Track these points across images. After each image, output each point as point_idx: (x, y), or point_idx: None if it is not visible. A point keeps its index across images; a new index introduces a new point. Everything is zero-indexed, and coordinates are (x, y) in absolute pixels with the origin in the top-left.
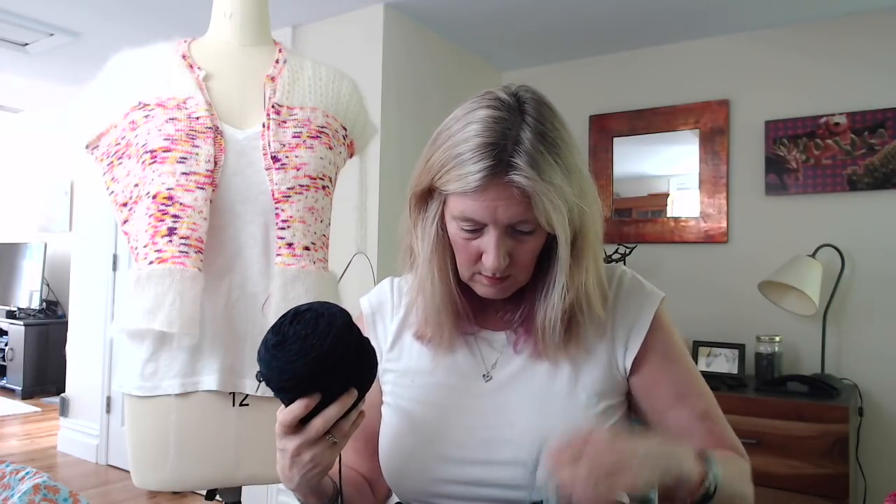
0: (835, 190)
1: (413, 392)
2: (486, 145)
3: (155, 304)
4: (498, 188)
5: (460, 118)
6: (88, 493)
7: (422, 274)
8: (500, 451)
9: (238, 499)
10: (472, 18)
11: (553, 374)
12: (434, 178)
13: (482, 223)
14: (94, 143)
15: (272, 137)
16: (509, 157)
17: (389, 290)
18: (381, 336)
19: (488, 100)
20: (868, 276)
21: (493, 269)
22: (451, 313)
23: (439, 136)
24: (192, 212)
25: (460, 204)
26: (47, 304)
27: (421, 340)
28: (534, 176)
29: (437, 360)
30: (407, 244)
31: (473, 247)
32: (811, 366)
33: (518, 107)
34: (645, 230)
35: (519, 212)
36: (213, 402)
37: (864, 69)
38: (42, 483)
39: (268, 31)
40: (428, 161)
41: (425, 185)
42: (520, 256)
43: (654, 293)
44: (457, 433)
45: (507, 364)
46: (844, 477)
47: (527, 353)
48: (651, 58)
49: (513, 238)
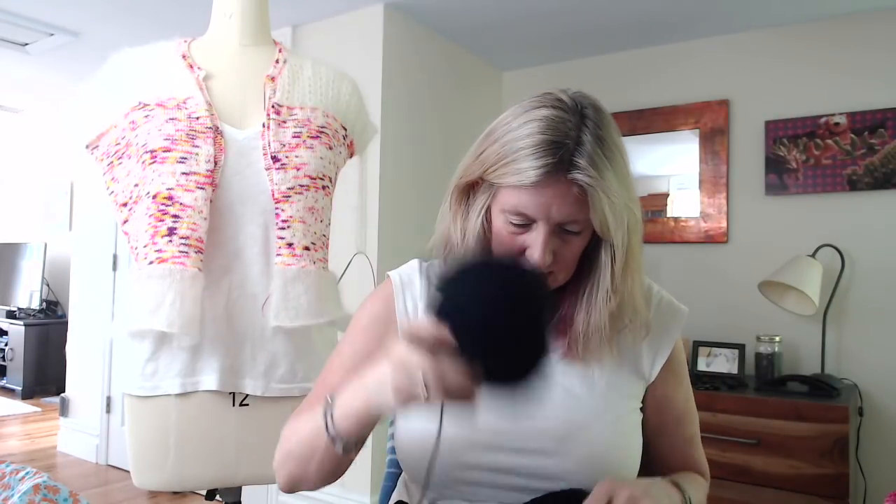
0: (835, 190)
1: None
2: (548, 142)
3: (155, 304)
4: (556, 185)
5: (520, 115)
6: (88, 493)
7: None
8: (531, 439)
9: (238, 499)
10: (472, 18)
11: (587, 373)
12: (487, 171)
13: (533, 219)
14: (95, 143)
15: (272, 137)
16: (570, 155)
17: (419, 270)
18: (410, 309)
19: (549, 100)
20: (868, 276)
21: (538, 265)
22: None
23: (495, 130)
24: (192, 212)
25: (514, 198)
26: (47, 304)
27: None
28: (595, 175)
29: None
30: (442, 234)
31: (518, 241)
32: (811, 366)
33: (579, 110)
34: (645, 230)
35: (573, 211)
36: (214, 402)
37: (864, 69)
38: (42, 483)
39: (268, 31)
40: (481, 154)
41: (474, 178)
42: (563, 256)
43: (682, 309)
44: (488, 421)
45: None
46: (844, 477)
47: (559, 355)
48: (651, 58)
49: (559, 237)
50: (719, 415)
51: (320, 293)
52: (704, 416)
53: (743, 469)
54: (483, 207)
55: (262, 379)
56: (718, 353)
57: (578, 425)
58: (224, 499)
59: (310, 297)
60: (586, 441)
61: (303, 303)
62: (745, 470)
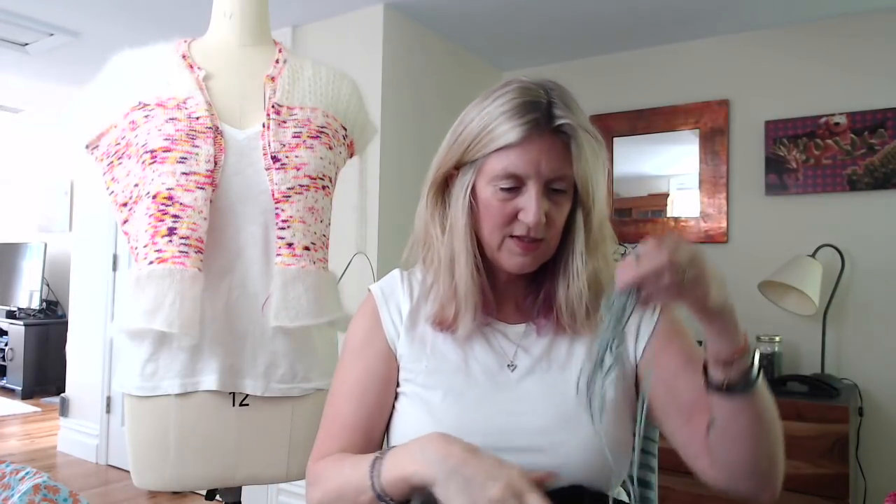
0: (835, 190)
1: (430, 380)
2: (525, 103)
3: (155, 304)
4: (541, 139)
5: (486, 97)
6: (88, 493)
7: (446, 254)
8: (519, 438)
9: (238, 499)
10: (472, 18)
11: (572, 351)
12: (467, 150)
13: (523, 179)
14: (94, 143)
15: (272, 137)
16: (549, 109)
17: (400, 279)
18: (395, 319)
19: (510, 82)
20: (868, 277)
21: (534, 224)
22: (475, 292)
23: (465, 116)
24: (192, 212)
25: (502, 161)
26: (47, 304)
27: (440, 327)
28: (576, 123)
29: (455, 350)
30: (419, 232)
31: (510, 207)
32: (811, 366)
33: (541, 83)
34: (645, 230)
35: (560, 165)
36: (213, 402)
37: (864, 69)
38: (42, 483)
39: (268, 31)
40: (457, 139)
41: (451, 165)
42: (553, 220)
43: None
44: (479, 422)
45: (527, 353)
46: (844, 477)
47: (550, 335)
48: (651, 58)
49: (548, 199)
50: None
51: (320, 293)
52: None
53: None
54: (468, 187)
55: (262, 379)
56: None
57: (564, 417)
58: (224, 499)
59: (310, 297)
60: (573, 432)
61: (303, 303)
62: None
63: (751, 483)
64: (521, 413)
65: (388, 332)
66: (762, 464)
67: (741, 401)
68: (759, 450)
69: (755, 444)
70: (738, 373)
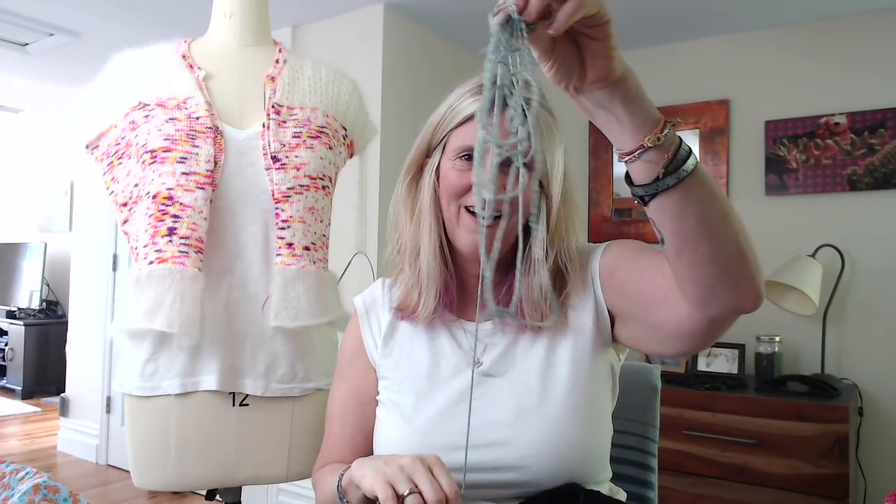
0: (835, 190)
1: (404, 387)
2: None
3: (155, 304)
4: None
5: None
6: (88, 493)
7: (412, 238)
8: (486, 434)
9: (238, 499)
10: (471, 18)
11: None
12: (434, 134)
13: None
14: (94, 143)
15: (272, 137)
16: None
17: (381, 288)
18: (374, 332)
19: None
20: (868, 277)
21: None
22: (437, 274)
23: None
24: (192, 212)
25: (462, 136)
26: (47, 304)
27: (401, 314)
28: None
29: (426, 354)
30: (393, 222)
31: (465, 178)
32: (811, 366)
33: None
34: (645, 230)
35: None
36: (213, 402)
37: (864, 69)
38: (42, 483)
39: (268, 31)
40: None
41: (423, 152)
42: None
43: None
44: (448, 421)
45: (493, 350)
46: (844, 477)
47: (514, 332)
48: (651, 58)
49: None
50: (719, 415)
51: (320, 293)
52: (704, 416)
53: (743, 469)
54: (434, 167)
55: (262, 379)
56: (718, 353)
57: (526, 409)
58: (224, 499)
59: (310, 297)
60: (536, 423)
61: (303, 303)
62: (745, 470)
63: (727, 288)
64: (486, 409)
65: (368, 347)
66: (730, 256)
67: (682, 191)
68: (722, 243)
69: (715, 236)
70: (669, 152)
